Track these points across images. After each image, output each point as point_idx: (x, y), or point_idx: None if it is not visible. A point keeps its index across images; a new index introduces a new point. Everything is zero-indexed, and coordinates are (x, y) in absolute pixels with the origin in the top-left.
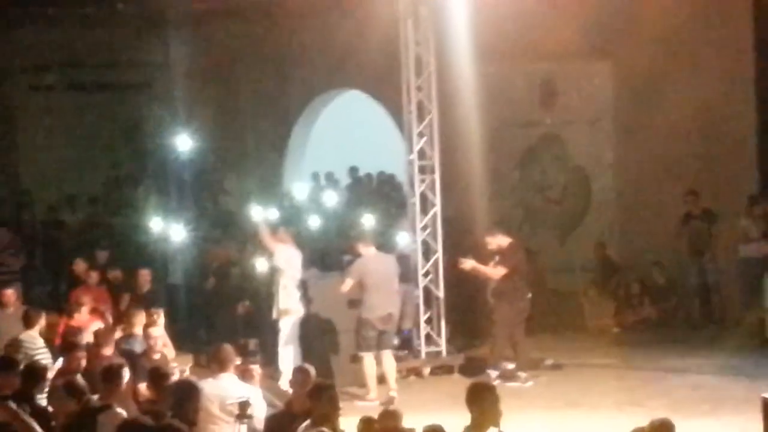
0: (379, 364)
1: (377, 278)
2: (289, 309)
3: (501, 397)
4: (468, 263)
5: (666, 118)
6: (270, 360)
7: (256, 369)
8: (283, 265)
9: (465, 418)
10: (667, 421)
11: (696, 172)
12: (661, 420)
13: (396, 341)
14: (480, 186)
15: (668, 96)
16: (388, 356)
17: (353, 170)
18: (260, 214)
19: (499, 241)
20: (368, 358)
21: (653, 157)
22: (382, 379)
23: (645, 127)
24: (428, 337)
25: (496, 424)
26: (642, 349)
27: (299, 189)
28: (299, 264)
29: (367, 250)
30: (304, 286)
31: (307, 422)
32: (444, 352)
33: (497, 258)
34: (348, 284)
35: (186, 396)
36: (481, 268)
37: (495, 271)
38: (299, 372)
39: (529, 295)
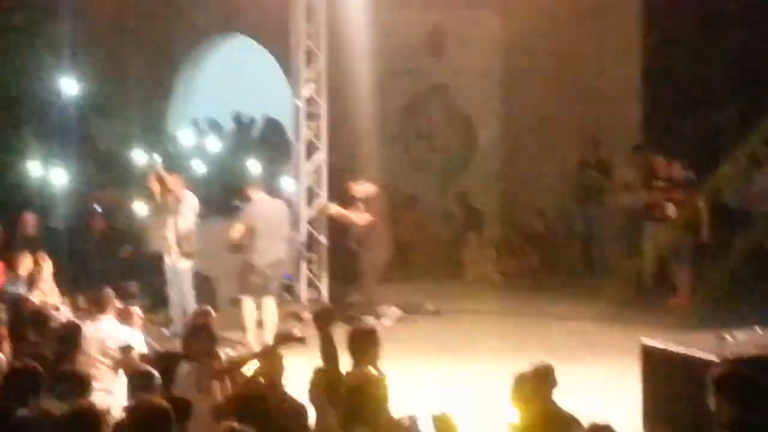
0: (259, 309)
1: (267, 224)
2: (190, 253)
3: (380, 341)
4: (332, 208)
5: (553, 68)
6: (155, 304)
7: (137, 311)
8: (187, 210)
9: (346, 361)
10: (547, 364)
11: (582, 122)
12: (542, 364)
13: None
14: (366, 133)
15: (555, 46)
16: (270, 304)
17: (237, 116)
18: (154, 159)
19: (363, 188)
20: (249, 303)
21: (539, 107)
22: (260, 324)
23: (531, 77)
24: (310, 282)
25: (375, 368)
26: (521, 296)
27: (184, 135)
28: (197, 209)
29: (258, 196)
30: None
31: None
32: (325, 297)
33: (361, 205)
34: (237, 229)
35: (70, 339)
36: (346, 213)
37: (359, 217)
38: (203, 313)
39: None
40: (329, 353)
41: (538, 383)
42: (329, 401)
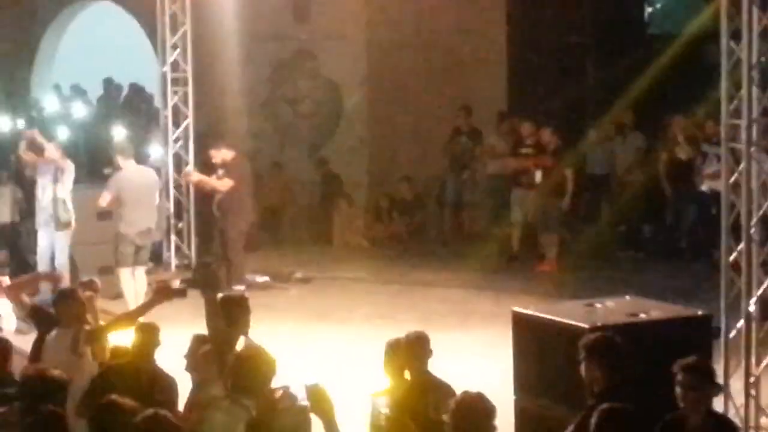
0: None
1: (137, 192)
2: (70, 222)
3: (251, 309)
4: (194, 175)
5: (419, 35)
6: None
7: (4, 280)
8: (68, 178)
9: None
10: (422, 333)
11: (449, 90)
12: (416, 333)
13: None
14: (233, 99)
15: (422, 13)
16: (140, 273)
17: (108, 81)
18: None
19: (223, 154)
20: (125, 273)
21: (406, 74)
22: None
23: (398, 43)
24: (178, 249)
25: (245, 336)
26: (391, 264)
27: (49, 101)
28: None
29: (127, 164)
30: None
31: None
32: (193, 264)
33: (221, 171)
34: (106, 197)
35: None
36: (207, 180)
37: (220, 184)
38: (88, 283)
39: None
40: (215, 321)
41: (412, 352)
42: (218, 370)
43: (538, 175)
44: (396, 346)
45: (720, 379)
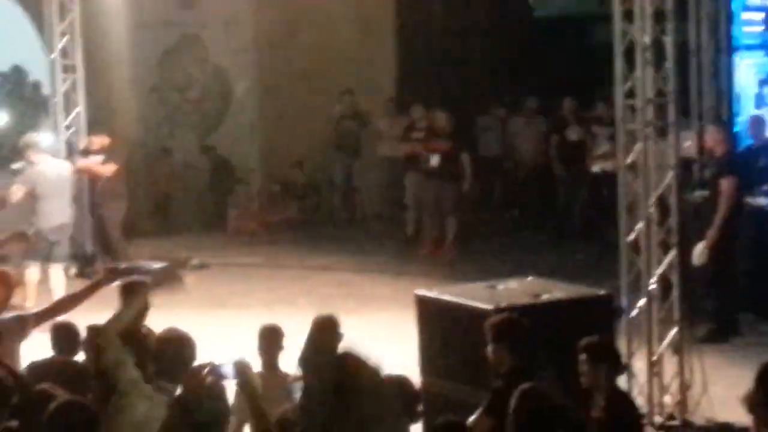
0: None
1: (52, 187)
2: None
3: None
4: (79, 162)
5: (311, 17)
6: None
7: None
8: None
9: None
10: (332, 317)
11: (341, 72)
12: (326, 316)
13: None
14: (121, 86)
15: None
16: (56, 270)
17: (16, 69)
18: None
19: (100, 140)
20: (33, 268)
21: (297, 58)
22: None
23: (288, 26)
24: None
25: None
26: (286, 248)
27: None
28: None
29: (40, 158)
30: None
31: None
32: (88, 254)
33: (101, 157)
34: (18, 192)
35: None
36: (91, 165)
37: (105, 169)
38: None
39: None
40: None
41: (323, 336)
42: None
43: (435, 159)
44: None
45: (623, 359)
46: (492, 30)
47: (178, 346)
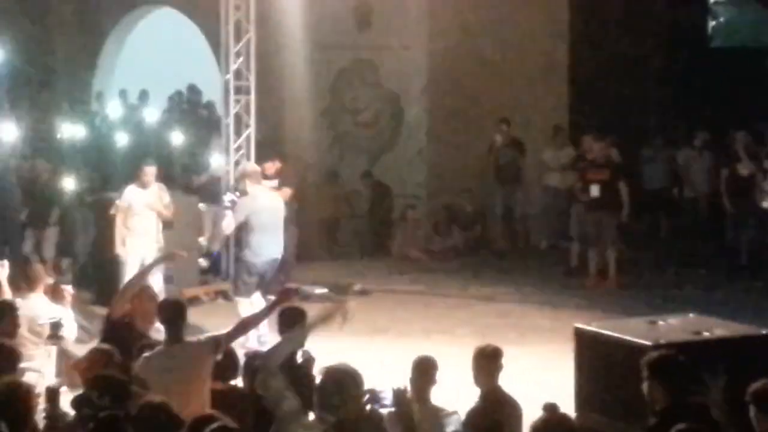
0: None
1: (266, 219)
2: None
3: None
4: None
5: (476, 45)
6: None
7: (68, 289)
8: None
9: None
10: (495, 347)
11: (505, 101)
12: (490, 346)
13: (205, 264)
14: (293, 108)
15: (481, 20)
16: (257, 296)
17: (192, 88)
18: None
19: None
20: (244, 304)
21: (466, 85)
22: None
23: (457, 53)
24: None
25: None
26: (449, 277)
27: (112, 107)
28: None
29: (255, 189)
30: None
31: None
32: None
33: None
34: (231, 224)
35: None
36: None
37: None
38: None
39: None
40: None
41: (487, 364)
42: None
43: (595, 190)
44: (475, 357)
45: None
46: (667, 59)
47: (342, 379)
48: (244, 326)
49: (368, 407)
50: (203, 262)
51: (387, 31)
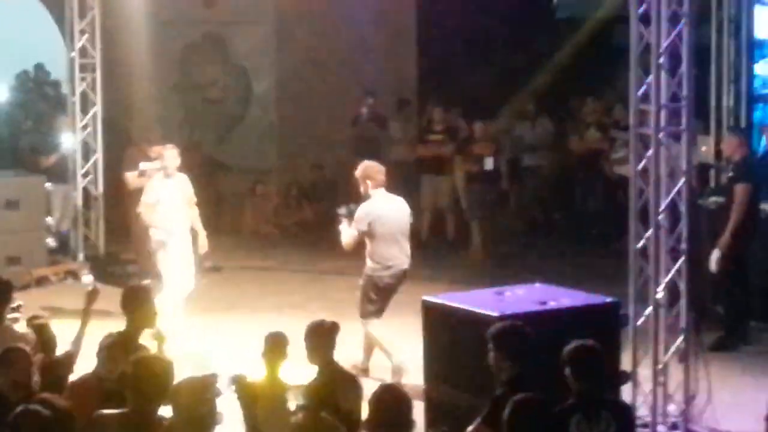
0: None
1: (392, 226)
2: None
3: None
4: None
5: (332, 18)
6: None
7: None
8: None
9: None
10: (330, 323)
11: (354, 75)
12: (325, 321)
13: (53, 243)
14: (141, 85)
15: None
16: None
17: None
18: None
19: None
20: (375, 327)
21: (314, 58)
22: None
23: (306, 28)
24: (86, 239)
25: (152, 326)
26: (300, 251)
27: None
28: None
29: (377, 192)
30: None
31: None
32: (102, 255)
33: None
34: (353, 234)
35: None
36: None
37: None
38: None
39: None
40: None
41: (324, 340)
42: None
43: (489, 162)
44: (307, 334)
45: (628, 367)
46: (512, 32)
47: (153, 370)
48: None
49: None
50: (51, 242)
51: (235, 6)
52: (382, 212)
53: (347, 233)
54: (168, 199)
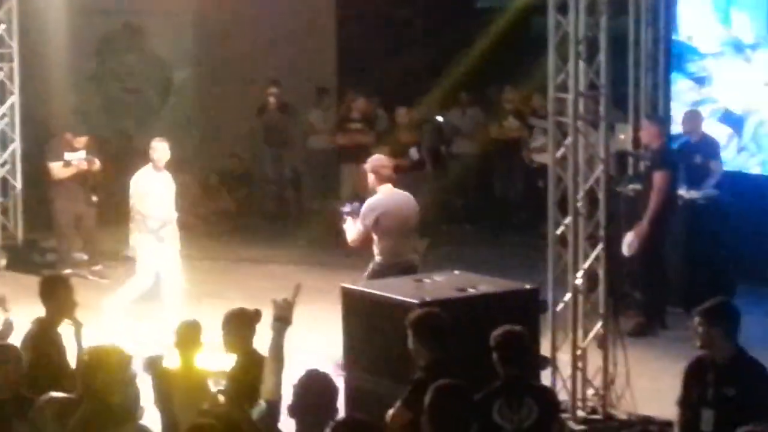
0: None
1: (401, 221)
2: None
3: (75, 289)
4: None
5: (243, 9)
6: None
7: None
8: None
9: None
10: (246, 310)
11: (273, 64)
12: (242, 310)
13: None
14: (59, 75)
15: None
16: None
17: None
18: None
19: (83, 138)
20: None
21: (235, 48)
22: None
23: (225, 18)
24: (4, 228)
25: (71, 316)
26: (219, 241)
27: None
28: None
29: (384, 187)
30: None
31: None
32: (20, 244)
33: (85, 154)
34: (359, 229)
35: None
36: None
37: (95, 165)
38: None
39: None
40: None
41: (244, 329)
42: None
43: (414, 152)
44: (224, 322)
45: (547, 352)
46: (433, 20)
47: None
48: None
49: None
50: None
51: None
52: (388, 207)
53: (353, 229)
54: (160, 191)
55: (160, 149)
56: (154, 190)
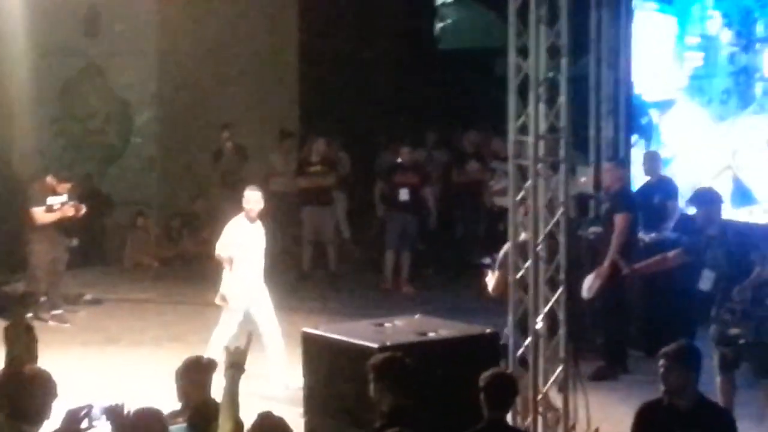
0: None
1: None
2: None
3: (38, 334)
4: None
5: (213, 50)
6: None
7: None
8: None
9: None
10: (206, 359)
11: (235, 106)
12: (200, 358)
13: None
14: (21, 116)
15: (211, 27)
16: None
17: None
18: None
19: (65, 184)
20: None
21: (195, 91)
22: None
23: (188, 60)
24: None
25: (34, 363)
26: (182, 283)
27: None
28: None
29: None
30: None
31: None
32: None
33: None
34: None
35: None
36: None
37: (78, 210)
38: None
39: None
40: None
41: (201, 377)
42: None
43: (404, 193)
44: (182, 370)
45: None
46: (396, 62)
47: (36, 384)
48: None
49: (84, 423)
50: None
51: (116, 37)
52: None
53: (493, 282)
54: (249, 244)
55: (253, 199)
56: (244, 242)
